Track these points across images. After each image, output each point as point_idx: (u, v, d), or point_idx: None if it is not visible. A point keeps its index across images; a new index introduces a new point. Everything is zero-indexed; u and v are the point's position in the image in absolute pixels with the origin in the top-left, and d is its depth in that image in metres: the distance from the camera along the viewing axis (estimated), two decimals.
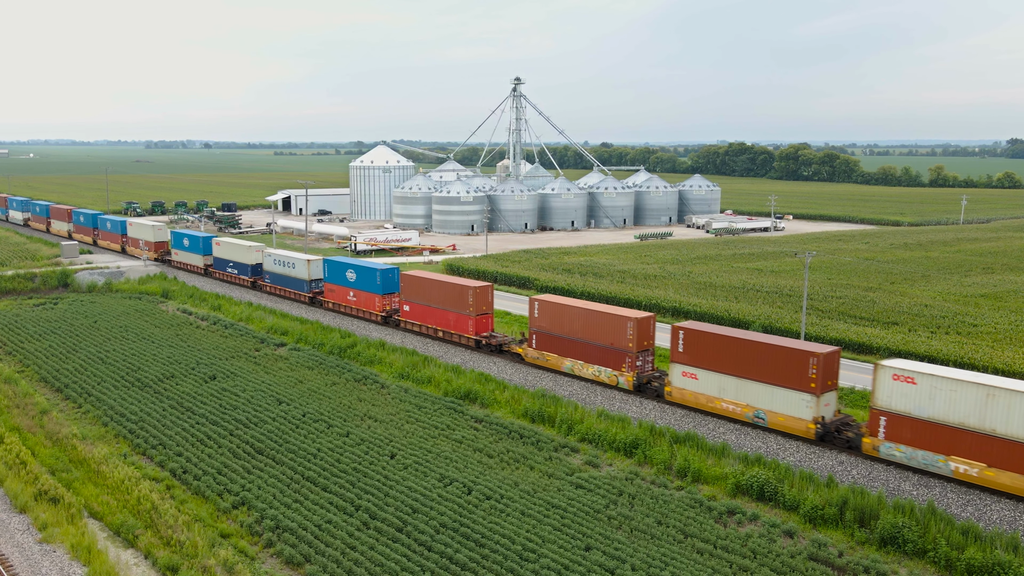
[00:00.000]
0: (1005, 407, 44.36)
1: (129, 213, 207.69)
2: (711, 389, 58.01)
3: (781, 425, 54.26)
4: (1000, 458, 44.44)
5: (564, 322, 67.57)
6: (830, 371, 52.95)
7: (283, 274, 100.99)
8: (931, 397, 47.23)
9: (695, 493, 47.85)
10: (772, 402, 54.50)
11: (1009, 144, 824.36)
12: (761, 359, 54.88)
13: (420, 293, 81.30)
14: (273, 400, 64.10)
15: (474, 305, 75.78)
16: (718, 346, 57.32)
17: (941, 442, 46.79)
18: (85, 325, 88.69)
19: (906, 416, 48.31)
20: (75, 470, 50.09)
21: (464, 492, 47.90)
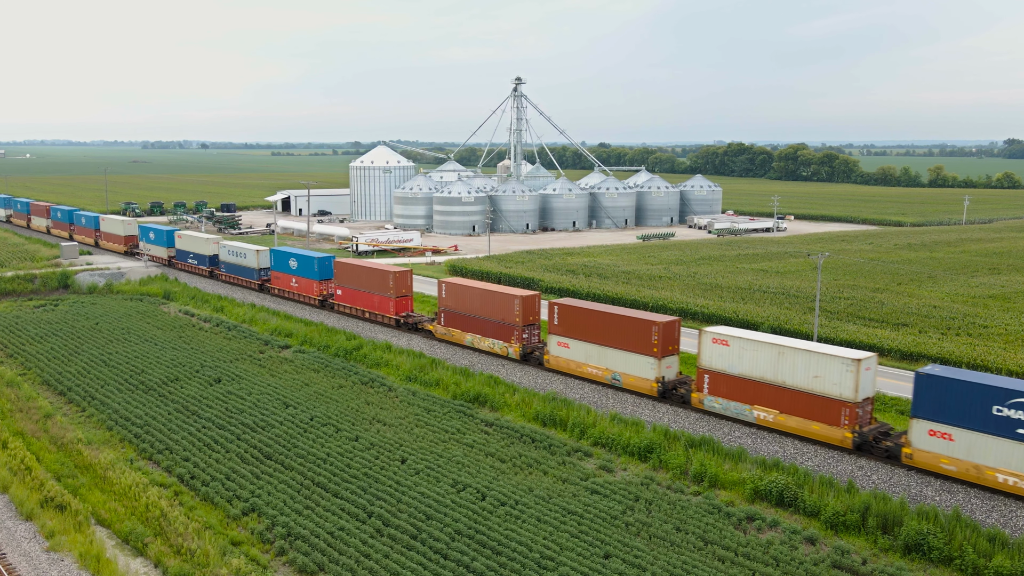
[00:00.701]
0: (791, 363, 52.80)
1: (128, 214, 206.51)
2: (579, 356, 66.27)
3: (632, 385, 62.79)
4: (789, 406, 53.22)
5: (466, 301, 75.85)
6: (670, 338, 61.49)
7: (236, 263, 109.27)
8: (740, 357, 55.71)
9: (712, 499, 47.06)
10: (625, 365, 62.95)
11: (1006, 144, 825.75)
12: (616, 329, 63.31)
13: (351, 279, 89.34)
14: (280, 403, 63.20)
15: (394, 288, 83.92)
16: (584, 319, 65.56)
17: (747, 394, 55.52)
18: (87, 327, 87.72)
19: (722, 373, 56.88)
20: (81, 476, 49.17)
21: (478, 498, 47.05)
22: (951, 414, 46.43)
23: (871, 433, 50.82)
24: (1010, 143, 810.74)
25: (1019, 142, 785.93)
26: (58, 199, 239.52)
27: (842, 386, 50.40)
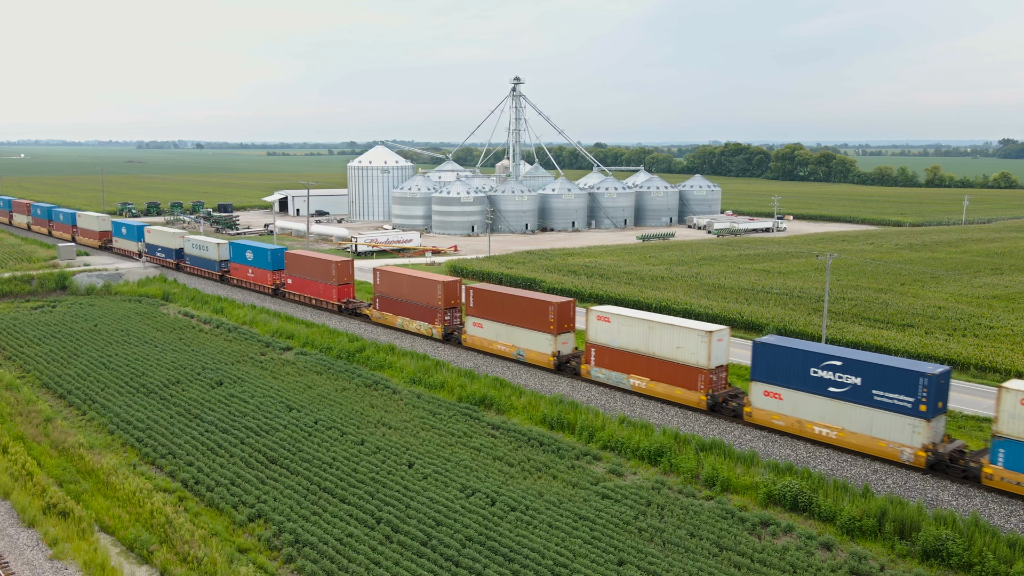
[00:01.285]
0: (659, 337, 60.21)
1: (124, 214, 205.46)
2: (491, 335, 73.59)
3: (533, 359, 70.10)
4: (658, 374, 60.69)
5: (397, 287, 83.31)
6: (564, 317, 68.64)
7: (200, 256, 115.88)
8: (619, 332, 62.82)
9: (725, 503, 46.42)
10: (528, 342, 70.47)
11: (1001, 144, 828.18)
12: (520, 309, 70.72)
13: (299, 269, 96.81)
14: (283, 406, 62.42)
15: (337, 277, 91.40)
16: (495, 301, 72.82)
17: (625, 364, 62.70)
18: (85, 329, 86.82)
19: (605, 347, 63.93)
20: (83, 481, 48.32)
21: (487, 503, 46.35)
22: (779, 376, 54.03)
23: (722, 396, 58.27)
24: (1005, 143, 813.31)
25: (1014, 142, 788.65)
26: (54, 199, 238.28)
27: (698, 355, 57.90)
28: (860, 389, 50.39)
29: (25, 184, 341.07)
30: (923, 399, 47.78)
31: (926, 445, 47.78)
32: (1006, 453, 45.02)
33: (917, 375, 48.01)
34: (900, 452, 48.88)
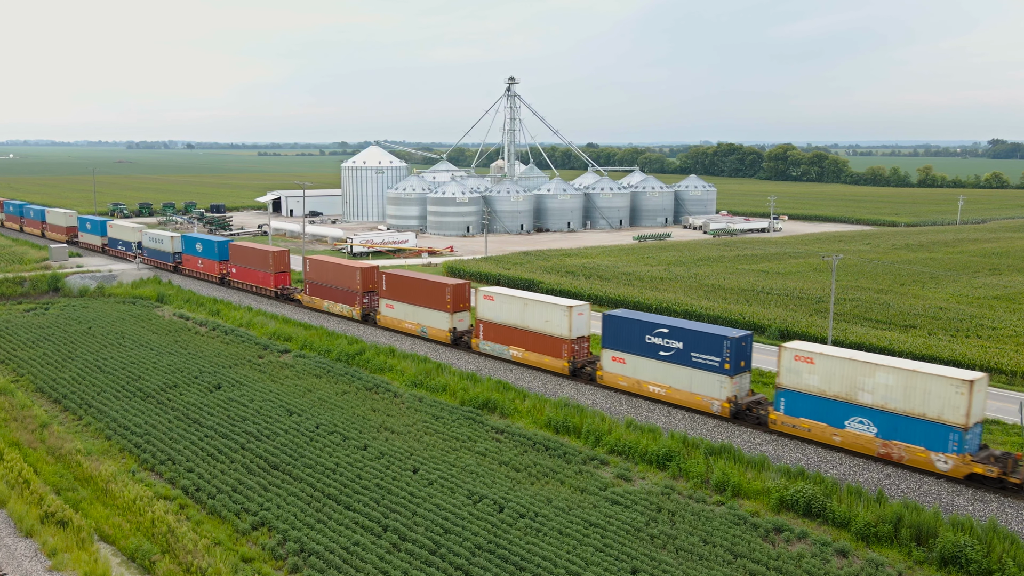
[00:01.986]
0: (532, 312, 69.13)
1: (115, 215, 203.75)
2: (401, 315, 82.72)
3: (434, 335, 79.06)
4: (532, 344, 69.49)
5: (323, 274, 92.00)
6: (460, 297, 77.66)
7: (156, 248, 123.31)
8: (500, 309, 71.66)
9: (736, 509, 45.67)
10: (429, 320, 79.44)
11: (990, 144, 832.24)
12: (423, 291, 79.57)
13: (242, 259, 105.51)
14: (283, 411, 61.42)
15: (274, 266, 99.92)
16: (403, 284, 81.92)
17: (506, 337, 71.44)
18: (79, 331, 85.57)
19: (491, 322, 72.37)
20: (82, 489, 47.24)
21: (496, 510, 45.47)
22: (623, 343, 62.47)
23: (581, 363, 66.90)
24: (994, 143, 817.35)
25: (1003, 142, 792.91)
26: (46, 200, 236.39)
27: (562, 327, 66.57)
28: (682, 352, 58.78)
29: (15, 184, 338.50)
30: (727, 359, 56.22)
31: (730, 398, 56.42)
32: (785, 401, 53.78)
33: (722, 339, 56.34)
34: (711, 404, 57.52)
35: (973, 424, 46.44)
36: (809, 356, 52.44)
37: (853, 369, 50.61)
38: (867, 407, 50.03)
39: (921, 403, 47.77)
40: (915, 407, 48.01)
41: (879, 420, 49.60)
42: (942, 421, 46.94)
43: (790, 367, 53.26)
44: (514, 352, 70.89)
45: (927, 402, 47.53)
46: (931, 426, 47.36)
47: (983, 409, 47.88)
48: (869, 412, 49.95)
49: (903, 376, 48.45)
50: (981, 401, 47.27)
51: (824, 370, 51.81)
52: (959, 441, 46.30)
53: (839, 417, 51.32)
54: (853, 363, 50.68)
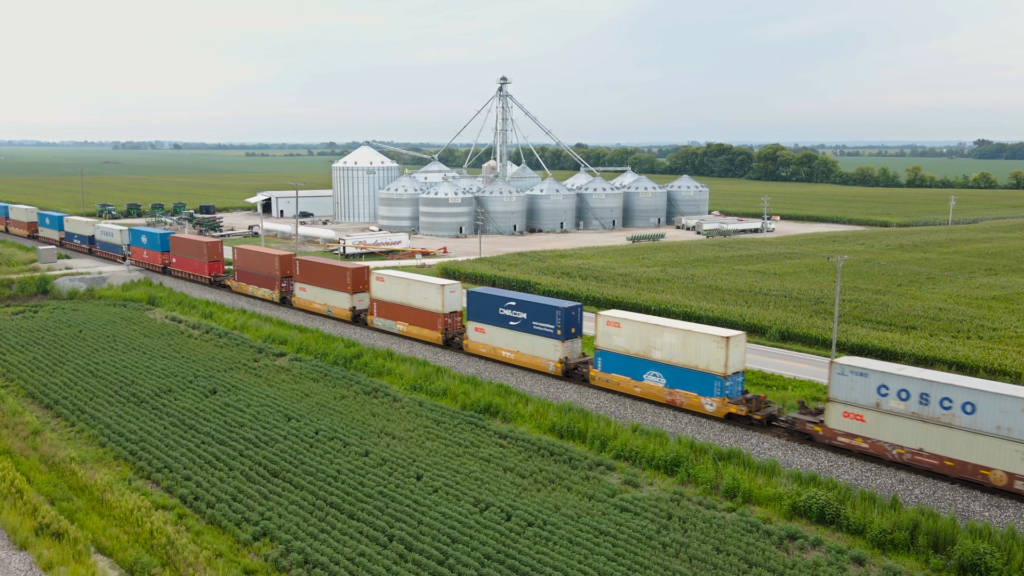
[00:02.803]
0: (415, 291, 78.80)
1: (103, 216, 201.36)
2: (311, 296, 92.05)
3: (336, 313, 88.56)
4: (413, 319, 79.21)
5: (248, 262, 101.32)
6: (359, 280, 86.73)
7: (107, 241, 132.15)
8: (390, 288, 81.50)
9: (748, 515, 44.81)
10: (334, 300, 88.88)
11: (976, 145, 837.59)
12: (328, 275, 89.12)
13: (181, 250, 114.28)
14: (281, 416, 60.21)
15: (208, 256, 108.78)
16: (313, 269, 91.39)
17: (394, 313, 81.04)
18: (70, 335, 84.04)
19: (383, 301, 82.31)
20: (77, 499, 45.94)
21: (503, 518, 44.46)
22: (483, 315, 72.17)
23: (452, 334, 76.82)
24: (980, 143, 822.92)
25: (988, 143, 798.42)
26: (31, 200, 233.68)
27: (436, 304, 76.55)
28: (526, 322, 68.72)
29: (1, 185, 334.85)
30: (559, 326, 65.99)
31: (562, 359, 66.54)
32: (601, 360, 63.74)
33: (555, 309, 66.29)
34: (547, 364, 67.49)
35: (732, 373, 56.57)
36: (616, 321, 62.27)
37: (648, 331, 60.16)
38: (658, 362, 59.92)
39: (695, 357, 57.52)
40: (691, 360, 57.86)
41: (667, 372, 59.55)
42: (709, 371, 56.81)
43: (604, 331, 62.84)
44: (400, 326, 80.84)
45: (699, 356, 57.26)
46: (702, 376, 57.26)
47: (741, 362, 57.36)
48: (660, 366, 59.95)
49: (681, 335, 58.18)
50: (738, 355, 56.85)
51: (628, 333, 61.41)
52: (721, 387, 56.22)
53: (639, 371, 61.26)
54: (647, 326, 60.41)
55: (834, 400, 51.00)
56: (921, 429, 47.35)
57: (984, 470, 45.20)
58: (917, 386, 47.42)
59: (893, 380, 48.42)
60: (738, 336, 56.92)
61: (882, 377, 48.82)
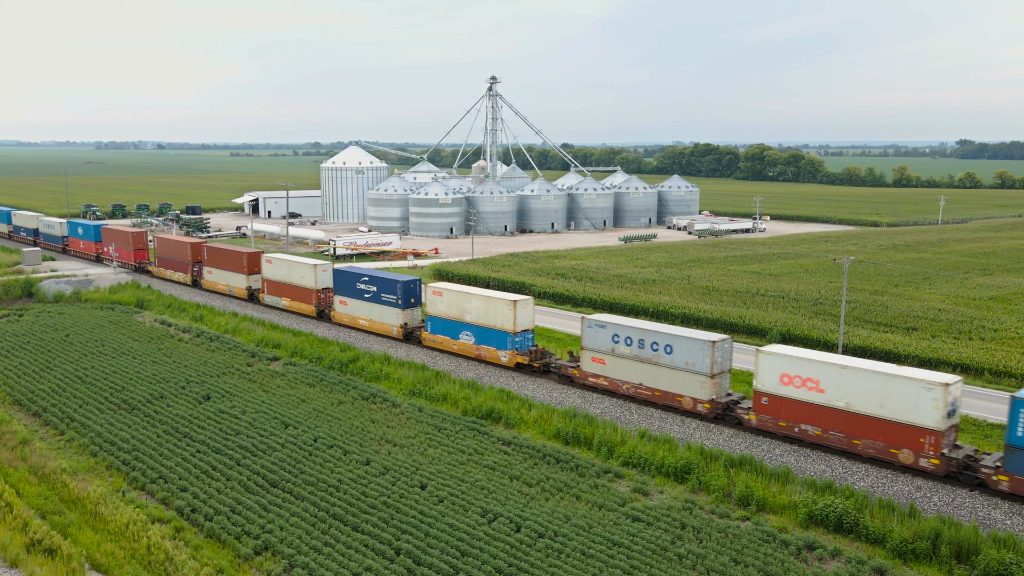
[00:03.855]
0: (293, 271, 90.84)
1: (88, 216, 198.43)
2: (216, 278, 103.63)
3: (236, 292, 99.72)
4: (293, 295, 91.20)
5: (167, 249, 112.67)
6: (253, 263, 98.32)
7: (49, 233, 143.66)
8: (275, 269, 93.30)
9: (762, 524, 43.67)
10: (234, 281, 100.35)
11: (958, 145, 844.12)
12: (229, 259, 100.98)
13: (110, 239, 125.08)
14: (278, 423, 58.60)
15: (133, 244, 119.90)
16: (217, 254, 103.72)
17: (280, 291, 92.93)
18: (57, 339, 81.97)
19: (271, 280, 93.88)
20: (69, 512, 44.17)
21: (512, 529, 43.11)
22: (346, 290, 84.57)
23: (323, 307, 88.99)
24: (962, 143, 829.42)
25: (970, 143, 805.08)
26: (14, 201, 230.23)
27: (310, 281, 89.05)
28: (376, 294, 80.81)
29: None
30: (400, 297, 78.90)
31: (402, 325, 79.20)
32: (430, 324, 76.21)
33: (396, 282, 79.27)
34: (392, 330, 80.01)
35: (521, 331, 69.51)
36: (440, 291, 75.13)
37: (461, 298, 73.18)
38: (469, 323, 72.45)
39: (494, 318, 70.37)
40: (491, 321, 70.63)
41: (476, 332, 72.02)
42: (503, 329, 69.73)
43: (431, 299, 75.92)
44: (284, 302, 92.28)
45: (496, 317, 70.12)
46: (499, 333, 69.92)
47: (530, 321, 70.42)
48: (470, 327, 72.50)
49: (484, 300, 71.31)
50: (526, 316, 69.90)
51: (447, 300, 74.28)
52: (512, 342, 69.20)
53: (456, 331, 73.94)
54: (461, 294, 73.41)
55: (585, 348, 63.99)
56: (640, 368, 60.61)
57: (679, 397, 58.48)
58: (637, 334, 60.44)
59: (622, 330, 61.28)
60: (525, 300, 70.15)
61: (615, 328, 61.72)
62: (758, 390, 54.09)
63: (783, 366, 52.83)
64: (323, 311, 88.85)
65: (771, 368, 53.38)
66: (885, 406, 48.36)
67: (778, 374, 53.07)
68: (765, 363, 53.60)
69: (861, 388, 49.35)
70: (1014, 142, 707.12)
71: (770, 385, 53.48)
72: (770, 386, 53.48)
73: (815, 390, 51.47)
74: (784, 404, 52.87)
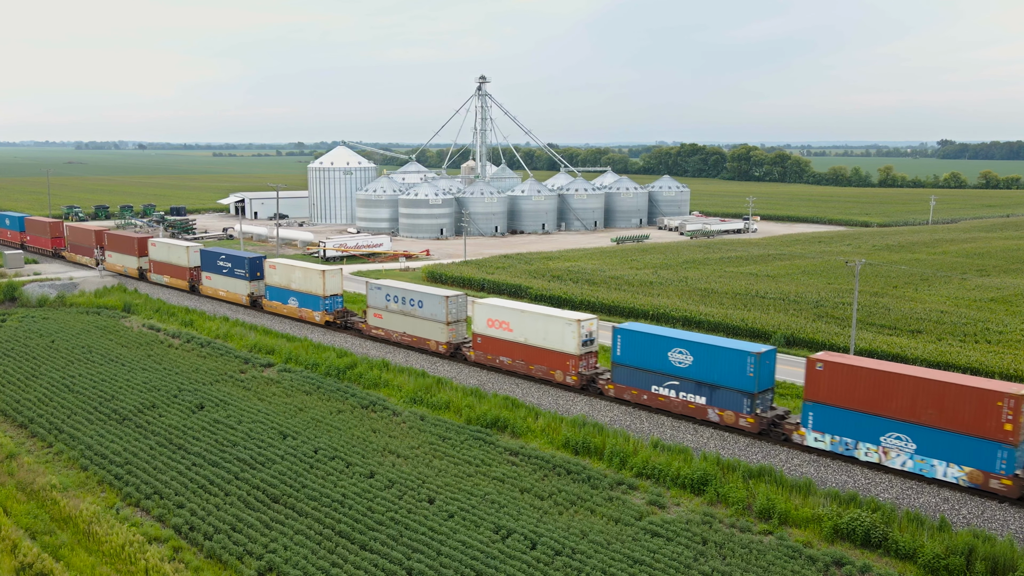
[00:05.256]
0: (172, 252, 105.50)
1: (71, 218, 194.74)
2: (115, 261, 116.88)
3: (129, 272, 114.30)
4: (173, 273, 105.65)
5: (77, 237, 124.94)
6: (143, 247, 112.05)
7: None
8: (160, 251, 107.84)
9: (786, 539, 42.09)
10: (127, 263, 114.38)
11: (939, 145, 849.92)
12: (123, 243, 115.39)
13: (32, 230, 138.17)
14: (276, 433, 56.51)
15: (51, 233, 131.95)
16: (115, 240, 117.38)
17: (162, 270, 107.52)
18: (42, 345, 79.42)
19: (156, 261, 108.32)
20: (60, 532, 41.96)
21: (528, 546, 41.28)
22: (209, 267, 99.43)
23: (195, 283, 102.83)
24: (943, 144, 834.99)
25: (951, 143, 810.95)
26: None
27: (183, 260, 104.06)
28: (232, 269, 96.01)
29: None
30: (247, 271, 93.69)
31: (249, 295, 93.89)
32: (269, 293, 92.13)
33: (244, 259, 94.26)
34: (242, 298, 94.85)
35: (330, 295, 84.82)
36: (273, 264, 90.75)
37: (288, 269, 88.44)
38: (294, 291, 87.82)
39: (309, 285, 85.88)
40: (307, 287, 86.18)
41: (299, 297, 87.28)
42: (316, 294, 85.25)
43: (268, 272, 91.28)
44: (165, 279, 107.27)
45: (310, 284, 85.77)
46: (313, 297, 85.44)
47: (338, 287, 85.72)
48: (295, 294, 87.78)
49: (303, 271, 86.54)
50: (335, 283, 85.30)
51: (279, 272, 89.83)
52: (323, 304, 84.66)
53: (285, 298, 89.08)
54: (289, 267, 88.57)
55: (369, 306, 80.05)
56: (404, 319, 76.52)
57: (427, 340, 74.27)
58: (401, 293, 76.85)
59: (391, 291, 77.75)
60: (334, 270, 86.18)
61: (387, 289, 78.18)
62: (475, 332, 69.79)
63: (489, 313, 68.59)
64: (194, 285, 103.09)
65: (482, 315, 69.11)
66: (547, 339, 64.08)
67: (485, 319, 68.71)
68: (478, 312, 69.42)
69: (532, 327, 65.13)
70: (994, 142, 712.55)
71: (481, 328, 69.16)
72: (481, 329, 69.18)
73: (507, 330, 67.15)
74: (490, 342, 68.68)
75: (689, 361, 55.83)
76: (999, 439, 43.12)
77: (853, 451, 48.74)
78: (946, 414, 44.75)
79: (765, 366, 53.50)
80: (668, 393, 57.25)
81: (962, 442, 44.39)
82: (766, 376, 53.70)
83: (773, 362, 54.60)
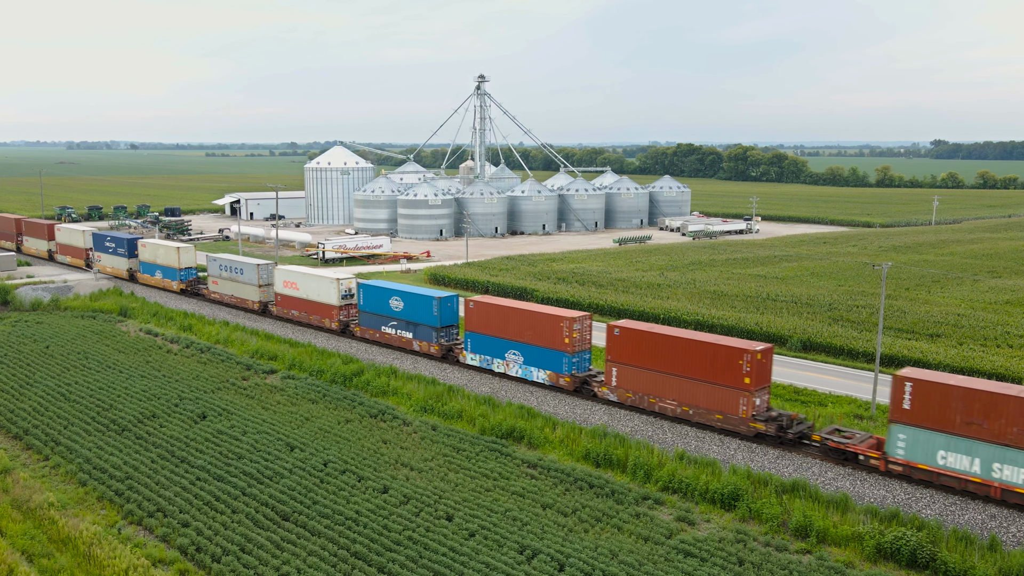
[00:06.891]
0: (72, 237, 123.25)
1: (64, 219, 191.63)
2: (31, 246, 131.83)
3: (40, 255, 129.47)
4: (73, 254, 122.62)
5: (34, 232, 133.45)
6: (51, 233, 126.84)
7: None
8: (65, 236, 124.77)
9: (826, 559, 39.95)
10: (39, 246, 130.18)
11: (933, 145, 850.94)
12: (38, 230, 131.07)
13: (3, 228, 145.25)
14: (283, 445, 54.17)
15: (14, 231, 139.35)
16: (32, 227, 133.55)
17: (67, 252, 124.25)
18: (36, 351, 76.89)
19: (62, 244, 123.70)
20: (59, 555, 39.55)
21: (555, 568, 39.05)
22: (102, 249, 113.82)
23: (90, 261, 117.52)
24: (937, 144, 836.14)
25: (945, 143, 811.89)
26: None
27: (80, 243, 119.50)
28: (116, 251, 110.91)
29: None
30: (127, 251, 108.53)
31: (127, 269, 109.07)
32: (141, 268, 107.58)
33: (125, 240, 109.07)
34: (122, 272, 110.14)
35: (184, 267, 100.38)
36: (144, 244, 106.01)
37: (154, 247, 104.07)
38: (159, 264, 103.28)
39: (170, 260, 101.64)
40: (169, 262, 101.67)
41: (163, 270, 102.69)
42: (173, 267, 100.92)
43: (140, 250, 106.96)
44: (68, 259, 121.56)
45: (170, 259, 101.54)
46: (172, 270, 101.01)
47: (191, 260, 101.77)
48: (160, 267, 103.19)
49: (164, 248, 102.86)
50: (188, 256, 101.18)
51: (148, 250, 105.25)
52: (178, 275, 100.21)
53: (153, 271, 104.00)
54: (154, 245, 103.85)
55: (208, 275, 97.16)
56: (232, 284, 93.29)
57: (247, 301, 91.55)
58: (228, 263, 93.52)
59: (222, 261, 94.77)
60: (187, 247, 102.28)
61: (219, 260, 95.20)
62: (277, 292, 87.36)
63: (284, 276, 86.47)
64: (89, 264, 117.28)
65: (280, 279, 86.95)
66: (320, 294, 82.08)
67: (282, 282, 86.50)
68: (277, 276, 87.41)
69: (311, 286, 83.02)
70: (987, 142, 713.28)
71: (280, 288, 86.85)
72: (280, 289, 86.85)
73: (295, 289, 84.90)
74: (287, 300, 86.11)
75: (402, 306, 73.68)
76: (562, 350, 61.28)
77: None
78: None
79: (447, 308, 71.55)
80: (390, 331, 74.99)
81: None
82: (448, 316, 71.61)
83: (455, 305, 72.45)
